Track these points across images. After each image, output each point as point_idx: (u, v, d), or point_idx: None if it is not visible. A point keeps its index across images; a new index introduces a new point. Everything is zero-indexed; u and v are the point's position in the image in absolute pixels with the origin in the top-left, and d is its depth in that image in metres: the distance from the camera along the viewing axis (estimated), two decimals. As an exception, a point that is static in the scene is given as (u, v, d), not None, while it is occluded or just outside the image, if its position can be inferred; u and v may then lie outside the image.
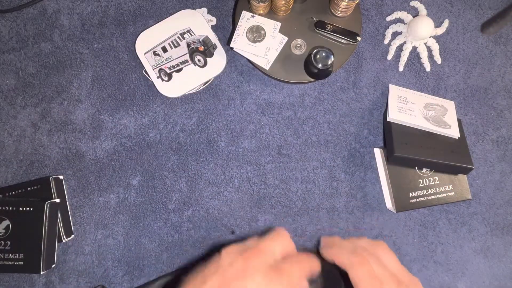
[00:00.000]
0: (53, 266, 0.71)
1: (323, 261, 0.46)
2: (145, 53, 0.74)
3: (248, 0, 0.71)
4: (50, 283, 0.72)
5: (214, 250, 0.72)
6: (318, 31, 0.71)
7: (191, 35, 0.74)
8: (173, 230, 0.73)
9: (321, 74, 0.70)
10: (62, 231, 0.70)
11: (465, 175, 0.70)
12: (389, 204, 0.72)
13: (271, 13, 0.73)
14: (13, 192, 0.71)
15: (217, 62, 0.74)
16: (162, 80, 0.73)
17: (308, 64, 0.70)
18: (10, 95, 0.76)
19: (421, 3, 0.77)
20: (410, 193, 0.69)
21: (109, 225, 0.73)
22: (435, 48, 0.76)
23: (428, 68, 0.76)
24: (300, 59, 0.72)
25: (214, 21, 0.78)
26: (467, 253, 0.72)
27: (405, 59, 0.76)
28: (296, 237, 0.72)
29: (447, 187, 0.69)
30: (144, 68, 0.75)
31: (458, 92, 0.76)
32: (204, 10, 0.78)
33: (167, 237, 0.73)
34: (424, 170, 0.70)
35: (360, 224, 0.73)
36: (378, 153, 0.74)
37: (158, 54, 0.74)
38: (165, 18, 0.75)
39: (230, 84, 0.76)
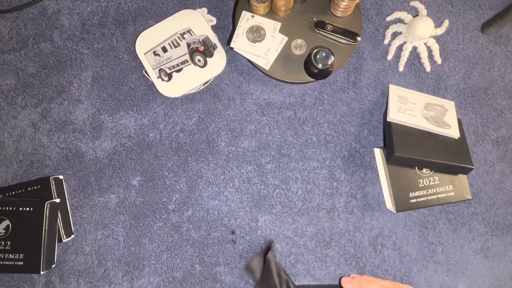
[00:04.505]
0: (53, 266, 0.71)
1: None
2: (145, 53, 0.74)
3: (248, 0, 0.71)
4: (50, 283, 0.72)
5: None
6: (318, 31, 0.71)
7: (191, 35, 0.74)
8: (173, 230, 0.73)
9: (321, 74, 0.70)
10: (62, 231, 0.70)
11: (465, 175, 0.70)
12: (389, 204, 0.72)
13: (271, 13, 0.73)
14: (13, 192, 0.71)
15: (217, 62, 0.73)
16: (162, 80, 0.73)
17: (308, 64, 0.70)
18: (10, 95, 0.76)
19: (421, 3, 0.77)
20: (410, 193, 0.69)
21: (109, 225, 0.73)
22: (435, 48, 0.76)
23: (428, 68, 0.76)
24: (300, 59, 0.72)
25: (214, 21, 0.78)
26: (467, 253, 0.72)
27: (405, 59, 0.76)
28: (296, 237, 0.72)
29: (447, 187, 0.69)
30: (144, 68, 0.75)
31: (458, 92, 0.76)
32: (204, 10, 0.78)
33: (167, 237, 0.73)
34: (424, 170, 0.70)
35: (360, 224, 0.73)
36: (378, 153, 0.74)
37: (158, 54, 0.74)
38: (165, 18, 0.75)
39: (230, 84, 0.76)
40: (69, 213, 0.73)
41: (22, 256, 0.67)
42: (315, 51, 0.66)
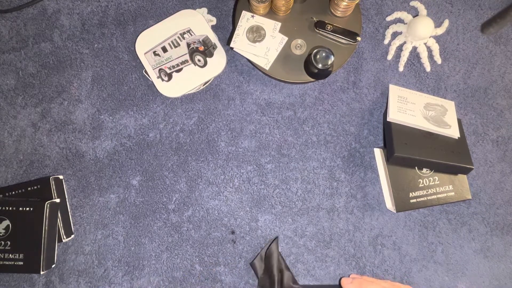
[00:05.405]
0: (53, 266, 0.71)
1: None
2: (145, 53, 0.74)
3: (248, 0, 0.71)
4: (50, 283, 0.72)
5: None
6: (318, 31, 0.71)
7: (191, 35, 0.74)
8: (173, 230, 0.73)
9: (321, 74, 0.70)
10: (62, 231, 0.70)
11: (465, 175, 0.70)
12: (389, 204, 0.72)
13: (271, 13, 0.72)
14: (13, 192, 0.71)
15: (217, 62, 0.73)
16: (162, 80, 0.73)
17: (308, 64, 0.70)
18: (10, 95, 0.76)
19: (421, 3, 0.77)
20: (410, 193, 0.69)
21: (109, 225, 0.73)
22: (435, 48, 0.76)
23: (428, 68, 0.76)
24: (300, 59, 0.72)
25: (214, 21, 0.78)
26: (467, 253, 0.72)
27: (405, 59, 0.76)
28: (296, 237, 0.72)
29: (447, 187, 0.69)
30: (144, 68, 0.75)
31: (458, 92, 0.76)
32: (204, 10, 0.78)
33: (167, 237, 0.73)
34: (424, 170, 0.70)
35: (360, 224, 0.73)
36: (378, 153, 0.74)
37: (158, 54, 0.74)
38: (165, 18, 0.75)
39: (230, 84, 0.76)
40: (69, 213, 0.73)
41: (22, 256, 0.67)
42: (315, 51, 0.66)
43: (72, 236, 0.73)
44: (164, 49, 0.74)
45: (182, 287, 0.71)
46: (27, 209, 0.68)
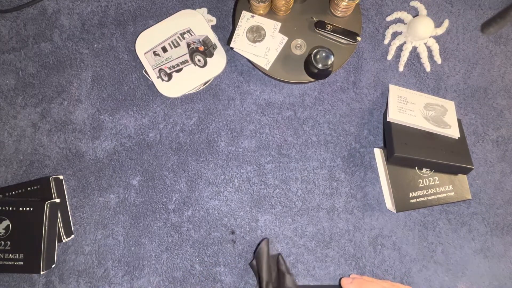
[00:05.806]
0: (53, 266, 0.71)
1: None
2: (145, 53, 0.74)
3: (248, 0, 0.71)
4: (50, 283, 0.72)
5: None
6: (318, 31, 0.71)
7: (191, 35, 0.74)
8: (173, 230, 0.73)
9: (321, 74, 0.70)
10: (62, 231, 0.70)
11: (465, 175, 0.70)
12: (389, 204, 0.72)
13: (271, 13, 0.73)
14: (13, 192, 0.71)
15: (217, 62, 0.74)
16: (162, 80, 0.73)
17: (308, 64, 0.70)
18: (10, 95, 0.76)
19: (421, 3, 0.77)
20: (410, 193, 0.69)
21: (109, 225, 0.73)
22: (435, 48, 0.76)
23: (428, 68, 0.76)
24: (300, 59, 0.72)
25: (214, 21, 0.78)
26: (467, 253, 0.72)
27: (405, 59, 0.76)
28: (296, 237, 0.72)
29: (447, 187, 0.69)
30: (144, 68, 0.75)
31: (458, 92, 0.76)
32: (204, 10, 0.78)
33: (167, 237, 0.73)
34: (424, 170, 0.70)
35: (360, 224, 0.73)
36: (378, 153, 0.74)
37: (158, 54, 0.74)
38: (165, 18, 0.75)
39: (230, 84, 0.76)
40: (69, 213, 0.73)
41: (22, 256, 0.67)
42: (315, 51, 0.66)
43: (72, 236, 0.73)
44: (164, 49, 0.74)
45: (182, 287, 0.71)
46: (27, 209, 0.68)
